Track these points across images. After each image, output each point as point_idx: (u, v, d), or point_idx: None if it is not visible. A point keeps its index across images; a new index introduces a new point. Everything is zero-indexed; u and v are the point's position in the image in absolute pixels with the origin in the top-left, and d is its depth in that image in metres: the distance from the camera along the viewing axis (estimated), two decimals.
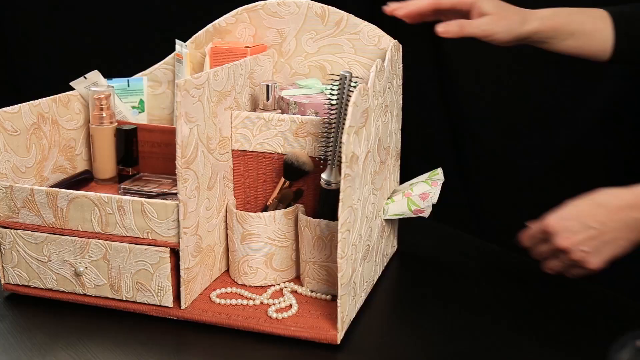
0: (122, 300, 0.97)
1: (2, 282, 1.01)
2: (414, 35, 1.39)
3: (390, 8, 0.99)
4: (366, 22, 1.12)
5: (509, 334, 0.92)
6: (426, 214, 1.04)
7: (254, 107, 1.10)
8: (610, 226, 0.86)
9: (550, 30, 1.01)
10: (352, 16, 1.13)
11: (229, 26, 1.18)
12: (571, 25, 1.02)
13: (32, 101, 1.06)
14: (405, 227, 1.18)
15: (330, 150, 0.97)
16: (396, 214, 1.05)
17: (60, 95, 1.13)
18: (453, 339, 0.92)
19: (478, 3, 0.99)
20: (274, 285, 1.02)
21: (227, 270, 1.06)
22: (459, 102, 1.62)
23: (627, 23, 1.03)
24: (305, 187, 1.03)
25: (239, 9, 1.17)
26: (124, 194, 1.12)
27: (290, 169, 1.01)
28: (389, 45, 1.05)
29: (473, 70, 1.11)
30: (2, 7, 1.65)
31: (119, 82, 1.24)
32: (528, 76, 1.54)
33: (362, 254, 0.95)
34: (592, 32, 1.02)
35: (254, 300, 0.97)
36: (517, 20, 0.99)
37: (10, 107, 1.01)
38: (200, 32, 1.20)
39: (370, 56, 1.06)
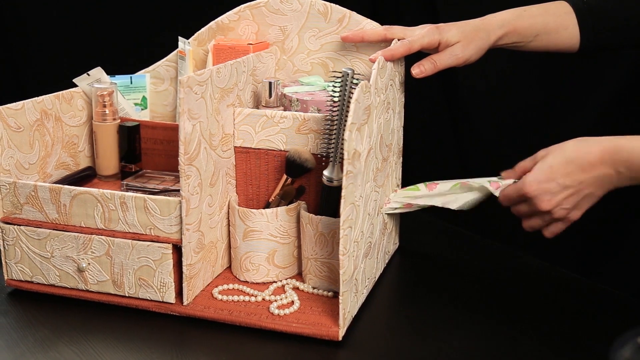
0: (124, 296, 0.97)
1: (5, 277, 1.01)
2: None
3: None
4: (368, 20, 1.12)
5: (510, 332, 0.92)
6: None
7: (257, 104, 1.10)
8: (585, 183, 0.89)
9: (513, 34, 1.04)
10: (354, 13, 1.13)
11: (232, 23, 1.18)
12: (534, 27, 1.04)
13: (36, 98, 1.06)
14: (407, 225, 1.18)
15: (333, 147, 0.97)
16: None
17: (64, 92, 1.13)
18: (454, 336, 0.92)
19: (444, 37, 1.01)
20: (276, 282, 1.02)
21: (229, 267, 1.06)
22: (461, 100, 1.62)
23: (591, 15, 1.05)
24: (308, 184, 1.04)
25: (242, 6, 1.17)
26: (127, 190, 1.12)
27: (292, 166, 1.01)
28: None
29: (475, 67, 1.11)
30: (5, 4, 1.65)
31: (121, 79, 1.25)
32: (530, 73, 1.54)
33: (363, 250, 0.96)
34: (556, 29, 1.05)
35: (256, 296, 0.98)
36: (483, 36, 1.02)
37: (14, 103, 1.02)
38: (203, 29, 1.20)
39: (373, 53, 1.06)
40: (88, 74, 1.18)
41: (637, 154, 0.85)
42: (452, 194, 1.02)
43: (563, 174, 0.89)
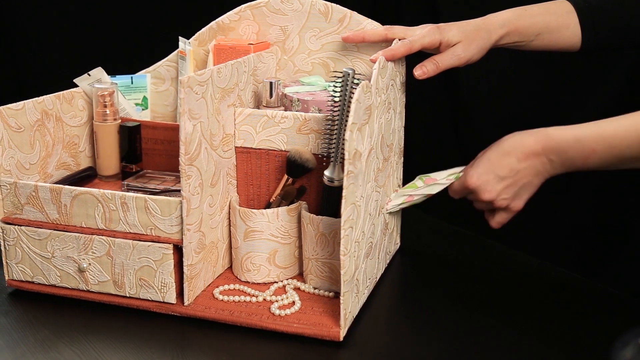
0: (125, 297, 0.97)
1: (6, 278, 1.01)
2: None
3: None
4: (369, 20, 1.12)
5: (511, 332, 0.92)
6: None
7: (257, 104, 1.10)
8: (522, 173, 0.93)
9: (514, 33, 1.04)
10: (355, 13, 1.13)
11: (233, 23, 1.18)
12: (535, 26, 1.05)
13: (36, 98, 1.06)
14: (408, 225, 1.18)
15: (333, 147, 0.97)
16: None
17: (64, 92, 1.13)
18: (455, 336, 0.92)
19: (445, 37, 1.02)
20: (276, 282, 1.02)
21: (230, 267, 1.06)
22: (462, 100, 1.62)
23: (592, 14, 1.05)
24: (308, 184, 1.03)
25: (243, 6, 1.17)
26: (128, 190, 1.12)
27: (293, 166, 1.01)
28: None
29: (476, 67, 1.11)
30: (6, 4, 1.65)
31: (122, 79, 1.25)
32: (531, 73, 1.54)
33: (364, 251, 0.96)
34: (557, 29, 1.05)
35: (256, 297, 0.98)
36: (484, 36, 1.03)
37: (14, 103, 1.02)
38: (203, 30, 1.20)
39: (373, 53, 1.06)
40: (89, 74, 1.18)
41: (565, 142, 0.90)
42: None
43: (500, 165, 0.93)
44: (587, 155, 0.89)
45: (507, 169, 0.93)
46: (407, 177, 1.15)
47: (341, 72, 0.96)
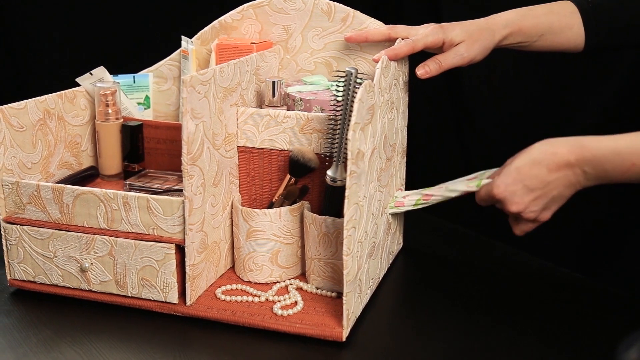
0: (127, 297, 0.97)
1: (8, 277, 1.01)
2: None
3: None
4: (372, 19, 1.12)
5: (514, 332, 0.92)
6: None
7: (260, 104, 1.10)
8: (553, 184, 0.88)
9: (518, 33, 1.04)
10: (358, 12, 1.12)
11: (235, 22, 1.18)
12: (539, 27, 1.04)
13: (38, 97, 1.06)
14: (411, 225, 1.17)
15: (336, 147, 0.97)
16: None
17: (66, 91, 1.13)
18: (458, 336, 0.92)
19: (448, 37, 1.01)
20: (279, 282, 1.02)
21: (233, 267, 1.06)
22: (465, 100, 1.62)
23: (596, 15, 1.04)
24: (311, 183, 1.03)
25: (245, 5, 1.17)
26: (130, 190, 1.12)
27: (295, 166, 1.01)
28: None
29: (479, 67, 1.11)
30: (7, 4, 1.65)
31: (124, 78, 1.24)
32: (534, 74, 1.54)
33: (367, 251, 0.95)
34: (561, 29, 1.04)
35: (259, 297, 0.97)
36: (488, 36, 1.02)
37: (17, 103, 1.01)
38: (206, 29, 1.20)
39: (376, 53, 1.06)
40: (91, 73, 1.18)
41: (602, 154, 0.85)
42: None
43: (530, 175, 0.89)
44: (627, 168, 0.84)
45: (536, 180, 0.88)
46: (410, 177, 1.15)
47: (344, 72, 0.96)
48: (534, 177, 0.88)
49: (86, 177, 1.16)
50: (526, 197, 0.90)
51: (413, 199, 1.04)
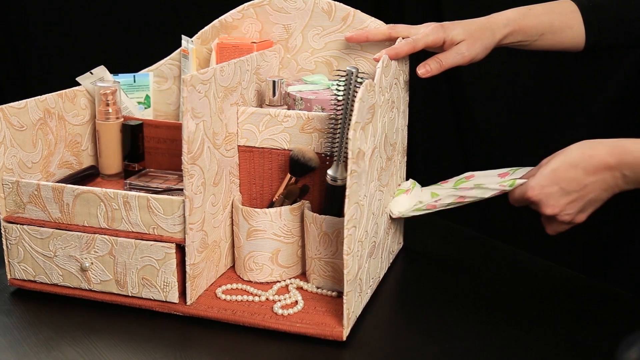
0: (127, 296, 0.97)
1: (8, 277, 1.01)
2: None
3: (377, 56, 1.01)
4: (373, 18, 1.12)
5: (515, 332, 0.92)
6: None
7: (260, 103, 1.10)
8: (590, 187, 0.87)
9: (518, 33, 1.03)
10: (358, 12, 1.12)
11: (235, 22, 1.18)
12: (539, 26, 1.04)
13: (39, 96, 1.06)
14: (411, 224, 1.17)
15: (337, 146, 0.97)
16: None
17: (67, 90, 1.13)
18: (458, 336, 0.91)
19: (449, 36, 1.01)
20: (279, 282, 1.02)
21: (233, 266, 1.06)
22: (465, 99, 1.62)
23: (596, 14, 1.04)
24: (312, 183, 1.03)
25: (245, 4, 1.17)
26: (130, 189, 1.11)
27: (296, 165, 1.01)
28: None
29: (479, 66, 1.11)
30: (8, 3, 1.65)
31: (125, 78, 1.24)
32: (534, 73, 1.54)
33: (368, 250, 0.95)
34: (561, 29, 1.04)
35: (259, 296, 0.97)
36: (488, 35, 1.02)
37: (17, 102, 1.01)
38: (206, 28, 1.20)
39: (377, 52, 1.06)
40: (91, 73, 1.18)
41: None
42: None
43: (566, 178, 0.87)
44: None
45: (573, 183, 0.86)
46: (410, 176, 1.14)
47: (344, 71, 0.96)
48: (571, 179, 0.87)
49: (86, 176, 1.16)
50: (562, 200, 0.88)
51: (446, 202, 1.01)
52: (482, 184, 0.98)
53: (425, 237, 1.21)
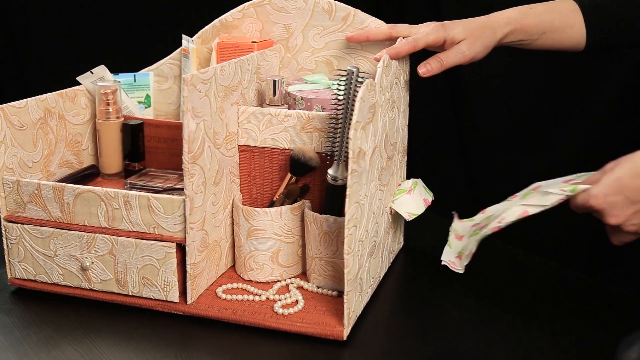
0: (128, 295, 0.97)
1: (9, 276, 1.01)
2: None
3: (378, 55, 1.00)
4: (373, 18, 1.12)
5: (515, 331, 0.92)
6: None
7: (261, 103, 1.10)
8: None
9: (519, 31, 1.03)
10: (359, 11, 1.12)
11: (236, 21, 1.18)
12: (540, 25, 1.04)
13: (39, 96, 1.06)
14: (412, 224, 1.17)
15: (337, 146, 0.97)
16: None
17: (67, 90, 1.13)
18: (458, 335, 0.92)
19: (449, 35, 1.01)
20: (280, 281, 1.02)
21: (233, 266, 1.06)
22: (465, 98, 1.62)
23: (597, 14, 1.04)
24: (312, 182, 1.03)
25: (246, 4, 1.17)
26: (131, 189, 1.11)
27: (296, 165, 1.01)
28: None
29: (479, 66, 1.11)
30: (8, 3, 1.65)
31: (125, 77, 1.24)
32: (535, 72, 1.54)
33: (368, 250, 0.95)
34: (562, 28, 1.04)
35: (260, 295, 0.97)
36: (489, 34, 1.02)
37: (17, 101, 1.01)
38: (206, 27, 1.20)
39: (377, 52, 1.06)
40: (91, 72, 1.18)
41: None
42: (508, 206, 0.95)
43: (632, 187, 0.83)
44: None
45: (639, 192, 0.83)
46: (410, 176, 1.14)
47: (345, 71, 0.96)
48: (636, 189, 0.83)
49: (87, 175, 1.16)
50: (627, 210, 0.84)
51: (509, 220, 0.94)
52: (544, 190, 0.92)
53: (426, 237, 1.21)
